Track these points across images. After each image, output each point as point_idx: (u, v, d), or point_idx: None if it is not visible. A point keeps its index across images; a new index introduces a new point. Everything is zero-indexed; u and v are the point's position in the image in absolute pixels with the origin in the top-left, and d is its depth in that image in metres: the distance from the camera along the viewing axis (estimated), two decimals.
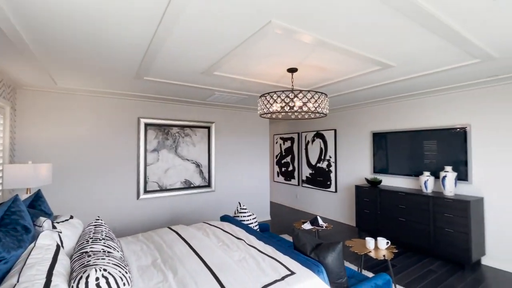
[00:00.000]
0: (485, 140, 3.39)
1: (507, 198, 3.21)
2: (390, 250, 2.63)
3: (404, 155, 4.29)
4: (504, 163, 3.23)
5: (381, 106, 4.66)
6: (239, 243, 2.15)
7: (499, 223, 3.27)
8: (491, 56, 2.30)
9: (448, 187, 3.49)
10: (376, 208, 4.21)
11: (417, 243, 3.65)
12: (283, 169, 7.06)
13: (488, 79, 3.07)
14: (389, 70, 2.73)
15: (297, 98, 2.33)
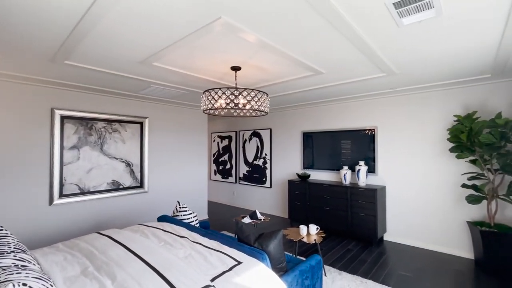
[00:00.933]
0: (387, 139, 4.21)
1: (401, 186, 4.06)
2: (319, 235, 3.00)
3: (327, 152, 4.91)
4: (399, 158, 4.08)
5: (311, 109, 5.22)
6: (183, 241, 2.09)
7: (396, 206, 4.11)
8: (393, 72, 2.89)
9: (361, 179, 4.18)
10: (306, 199, 4.69)
11: (338, 227, 4.25)
12: (220, 167, 7.07)
13: (390, 90, 3.82)
14: (319, 76, 3.10)
15: (242, 95, 2.42)
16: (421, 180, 3.87)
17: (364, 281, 2.80)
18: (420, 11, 1.61)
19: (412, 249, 3.76)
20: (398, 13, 1.64)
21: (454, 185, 3.60)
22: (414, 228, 3.92)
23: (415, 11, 1.61)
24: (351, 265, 3.24)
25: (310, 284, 2.13)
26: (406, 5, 1.55)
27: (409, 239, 3.96)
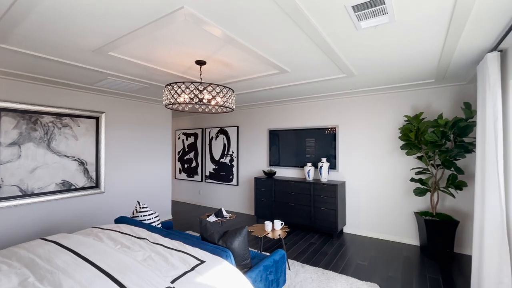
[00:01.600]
0: (347, 138, 4.46)
1: (359, 181, 4.34)
2: (284, 230, 3.07)
3: (292, 150, 5.05)
4: (357, 155, 4.35)
5: (278, 107, 5.30)
6: (142, 243, 1.97)
7: (354, 199, 4.38)
8: (352, 73, 3.06)
9: (323, 175, 4.37)
10: (272, 196, 4.77)
11: (302, 222, 4.39)
12: (185, 166, 6.86)
13: (350, 90, 4.05)
14: (285, 74, 3.15)
15: (206, 91, 2.36)
16: (376, 175, 4.18)
17: (325, 272, 2.93)
18: (376, 16, 1.72)
19: (368, 240, 4.05)
20: (357, 16, 1.73)
21: (404, 180, 3.95)
22: (370, 220, 4.23)
23: (372, 15, 1.71)
24: (314, 257, 3.37)
25: (274, 279, 2.16)
26: (364, 9, 1.64)
27: (366, 230, 4.26)
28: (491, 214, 2.22)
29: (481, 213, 2.38)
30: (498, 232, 2.17)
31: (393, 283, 2.75)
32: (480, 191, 2.42)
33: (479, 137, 2.46)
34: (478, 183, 2.46)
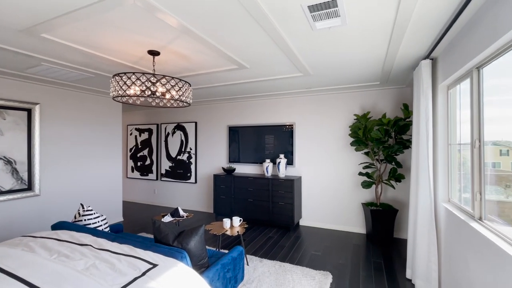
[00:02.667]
0: (303, 134, 4.65)
1: (313, 175, 4.57)
2: (242, 226, 3.07)
3: (252, 146, 5.08)
4: (312, 151, 4.57)
5: (237, 103, 5.27)
6: (85, 250, 1.77)
7: (309, 193, 4.60)
8: (308, 73, 3.18)
9: (281, 170, 4.49)
10: (231, 193, 4.74)
11: (261, 217, 4.46)
12: (139, 164, 6.41)
13: (306, 89, 4.21)
14: (244, 70, 3.13)
15: (160, 83, 2.21)
16: (329, 170, 4.45)
17: (283, 265, 3.02)
18: (330, 18, 1.80)
19: (322, 231, 4.30)
20: (312, 17, 1.79)
21: (353, 174, 4.28)
22: (323, 212, 4.49)
23: (326, 17, 1.79)
24: (272, 251, 3.45)
25: (232, 276, 2.15)
26: (319, 10, 1.70)
27: (320, 222, 4.51)
28: (423, 203, 2.53)
29: (415, 202, 2.70)
30: (427, 218, 2.49)
31: (343, 269, 2.96)
32: (415, 182, 2.73)
33: (414, 134, 2.78)
34: (413, 176, 2.78)
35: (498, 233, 1.60)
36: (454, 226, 2.11)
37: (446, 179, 2.47)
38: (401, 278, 2.78)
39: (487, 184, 1.95)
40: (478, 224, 1.81)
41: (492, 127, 1.82)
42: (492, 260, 1.51)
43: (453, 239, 2.13)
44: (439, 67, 2.46)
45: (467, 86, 2.04)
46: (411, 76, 3.36)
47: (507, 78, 1.76)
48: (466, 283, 1.86)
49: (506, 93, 1.78)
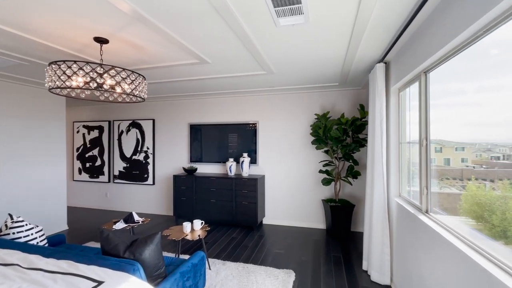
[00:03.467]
0: (266, 133, 4.65)
1: (276, 174, 4.60)
2: (204, 229, 2.93)
3: (215, 145, 4.93)
4: (275, 149, 4.60)
5: (199, 100, 5.05)
6: (9, 271, 1.47)
7: (272, 191, 4.62)
8: (272, 71, 3.15)
9: (245, 169, 4.43)
10: (192, 194, 4.53)
11: (224, 218, 4.35)
12: (88, 165, 5.78)
13: (269, 88, 4.21)
14: (206, 66, 2.98)
15: (108, 74, 1.95)
16: (292, 168, 4.52)
17: (246, 266, 2.96)
18: (293, 14, 1.77)
19: (285, 228, 4.35)
20: (276, 12, 1.74)
21: (314, 171, 4.40)
22: (286, 209, 4.55)
23: (289, 13, 1.75)
24: (235, 252, 3.37)
25: (192, 284, 2.01)
26: (282, 5, 1.66)
27: (283, 220, 4.56)
28: (378, 198, 2.68)
29: (370, 197, 2.85)
30: (382, 212, 2.65)
31: (306, 266, 3.01)
32: (370, 179, 2.89)
33: (370, 134, 2.93)
34: (369, 172, 2.94)
35: (442, 224, 1.75)
36: (405, 219, 2.27)
37: (397, 175, 2.66)
38: (358, 270, 2.93)
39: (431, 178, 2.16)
40: (425, 216, 1.96)
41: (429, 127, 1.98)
42: (438, 249, 1.64)
43: (404, 231, 2.29)
44: (392, 70, 2.63)
45: (415, 89, 2.20)
46: (366, 79, 3.55)
47: (436, 85, 1.94)
48: (416, 271, 2.01)
49: (433, 97, 1.97)
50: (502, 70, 1.51)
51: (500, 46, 1.44)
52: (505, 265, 1.14)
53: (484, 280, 1.17)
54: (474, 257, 1.28)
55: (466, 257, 1.33)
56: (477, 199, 4.45)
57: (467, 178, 2.07)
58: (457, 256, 1.42)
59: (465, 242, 1.47)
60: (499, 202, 4.16)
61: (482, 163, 2.45)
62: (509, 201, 3.94)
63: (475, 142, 1.99)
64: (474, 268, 1.25)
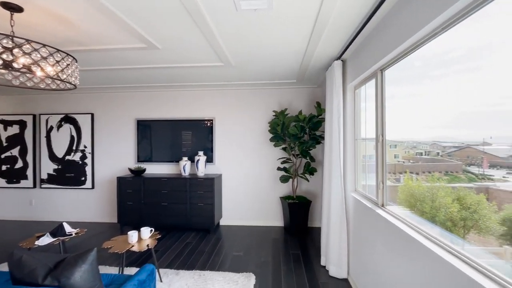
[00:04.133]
0: (223, 130, 4.43)
1: (234, 172, 4.42)
2: (154, 237, 2.59)
3: (167, 143, 4.51)
4: (233, 147, 4.42)
5: (149, 93, 4.56)
6: None
7: (230, 191, 4.43)
8: (230, 63, 2.95)
9: (200, 169, 4.14)
10: (140, 198, 4.07)
11: (178, 222, 4.00)
12: (4, 168, 4.76)
13: (227, 83, 4.00)
14: (155, 52, 2.63)
15: (21, 50, 1.52)
16: (250, 166, 4.40)
17: (203, 273, 2.72)
18: None
19: (243, 229, 4.21)
20: None
21: (272, 169, 4.36)
22: (244, 209, 4.41)
23: None
24: (190, 259, 3.09)
25: None
26: None
27: (241, 219, 4.41)
28: (335, 193, 2.71)
29: (328, 193, 2.88)
30: (339, 207, 2.69)
31: (265, 267, 2.91)
32: (328, 174, 2.93)
33: (327, 130, 2.97)
34: (326, 168, 2.97)
35: (397, 216, 1.80)
36: (362, 213, 2.32)
37: (353, 170, 2.73)
38: (316, 266, 2.94)
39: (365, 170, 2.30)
40: (382, 210, 2.01)
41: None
42: (394, 240, 1.67)
43: (361, 225, 2.34)
44: (348, 68, 2.68)
45: (371, 87, 2.25)
46: (322, 77, 3.61)
47: (371, 89, 2.07)
48: (372, 263, 2.05)
49: (370, 100, 2.11)
50: (423, 81, 1.85)
51: (422, 59, 1.73)
52: (442, 242, 1.30)
53: (430, 258, 1.25)
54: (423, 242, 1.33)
55: (420, 245, 1.35)
56: (412, 191, 4.88)
57: (399, 172, 2.27)
58: (411, 245, 1.45)
59: (417, 231, 1.51)
60: (429, 192, 4.60)
61: (410, 158, 2.77)
62: (436, 191, 4.37)
63: (404, 140, 2.22)
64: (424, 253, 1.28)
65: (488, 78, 1.67)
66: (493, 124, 1.98)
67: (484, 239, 4.49)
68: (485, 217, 4.21)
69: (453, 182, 3.58)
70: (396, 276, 1.67)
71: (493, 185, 4.35)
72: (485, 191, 4.70)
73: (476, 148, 3.61)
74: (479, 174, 3.84)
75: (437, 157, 3.67)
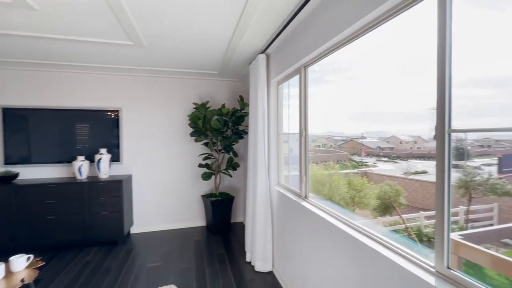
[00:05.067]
0: (134, 123, 3.80)
1: (148, 172, 3.88)
2: (34, 266, 1.93)
3: (53, 139, 3.52)
4: (146, 143, 3.86)
5: (24, 72, 3.41)
6: None
7: (143, 194, 3.87)
8: (142, 42, 2.48)
9: (103, 170, 3.43)
10: (11, 213, 3.03)
11: (72, 238, 3.19)
12: None
13: (138, 67, 3.41)
14: (29, 14, 1.91)
15: None
16: (167, 164, 3.96)
17: None
18: None
19: (161, 234, 3.75)
20: None
21: (193, 166, 4.05)
22: (162, 211, 3.95)
23: None
24: (91, 282, 2.50)
25: None
26: None
27: (158, 224, 3.93)
28: (261, 188, 2.70)
29: (253, 187, 2.86)
30: (264, 202, 2.70)
31: (189, 274, 2.65)
32: (252, 169, 2.89)
33: (252, 125, 2.92)
34: (250, 163, 2.93)
35: (319, 206, 1.90)
36: (286, 205, 2.38)
37: (277, 164, 2.79)
38: (242, 263, 2.89)
39: (288, 164, 2.57)
40: (306, 202, 2.10)
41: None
42: (317, 228, 1.75)
43: (285, 217, 2.40)
44: (272, 63, 2.68)
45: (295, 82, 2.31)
46: (244, 71, 3.55)
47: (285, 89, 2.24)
48: (297, 252, 2.12)
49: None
50: (320, 84, 2.21)
51: (320, 65, 1.98)
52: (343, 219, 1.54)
53: (341, 234, 1.34)
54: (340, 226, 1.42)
55: (340, 230, 1.44)
56: (316, 177, 5.45)
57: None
58: (330, 228, 1.54)
59: (334, 216, 1.62)
60: (327, 178, 5.25)
61: (311, 150, 3.15)
62: (332, 177, 5.00)
63: (309, 134, 2.52)
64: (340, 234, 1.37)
65: (363, 86, 2.18)
66: (367, 122, 2.64)
67: (365, 212, 5.38)
68: (366, 195, 5.09)
69: (343, 169, 4.22)
70: (319, 259, 1.76)
71: (369, 170, 5.31)
72: (364, 174, 5.69)
73: (357, 141, 4.41)
74: (359, 162, 4.69)
75: (331, 148, 4.28)
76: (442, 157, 0.94)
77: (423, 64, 1.47)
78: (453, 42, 0.91)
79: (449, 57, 0.91)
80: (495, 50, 1.06)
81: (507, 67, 1.04)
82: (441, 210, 0.95)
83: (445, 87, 0.91)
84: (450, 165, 0.92)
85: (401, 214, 5.96)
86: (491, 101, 1.28)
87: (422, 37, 1.38)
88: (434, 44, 0.94)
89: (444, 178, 0.93)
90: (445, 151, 0.93)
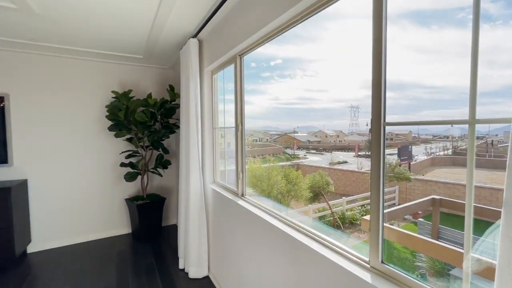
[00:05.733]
0: (29, 114, 3.00)
1: (52, 176, 3.13)
2: None
3: None
4: (48, 139, 3.11)
5: None
6: None
7: (44, 203, 3.11)
8: (31, 9, 1.89)
9: None
10: None
11: None
12: None
13: (30, 42, 2.65)
14: None
15: None
16: (79, 165, 3.28)
17: None
18: None
19: (71, 249, 3.10)
20: None
21: (113, 165, 3.47)
22: (73, 222, 3.26)
23: None
24: None
25: None
26: None
27: (67, 237, 3.23)
28: (194, 187, 2.46)
29: (186, 187, 2.58)
30: (198, 202, 2.47)
31: None
32: (185, 168, 2.61)
33: (184, 118, 2.63)
34: (183, 161, 2.64)
35: (256, 204, 1.81)
36: (222, 205, 2.21)
37: (212, 161, 2.59)
38: (175, 271, 2.61)
39: (223, 158, 2.46)
40: (243, 200, 1.97)
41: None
42: (254, 227, 1.66)
43: (221, 217, 2.23)
44: (205, 50, 2.44)
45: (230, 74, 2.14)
46: (175, 57, 3.19)
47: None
48: (234, 251, 1.98)
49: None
50: (257, 80, 2.23)
51: (256, 61, 1.99)
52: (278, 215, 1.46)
53: (278, 233, 1.25)
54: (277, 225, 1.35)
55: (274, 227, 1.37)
56: (254, 172, 5.50)
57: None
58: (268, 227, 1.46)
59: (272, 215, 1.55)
60: (265, 173, 5.33)
61: (249, 144, 3.17)
62: (270, 172, 5.09)
63: (246, 129, 2.43)
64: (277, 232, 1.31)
65: (293, 84, 2.25)
66: (298, 118, 2.85)
67: (299, 203, 5.71)
68: (300, 188, 5.40)
69: (278, 162, 4.32)
70: (256, 259, 1.66)
71: (300, 162, 5.72)
72: (297, 166, 6.03)
73: (290, 135, 4.91)
74: (292, 154, 5.16)
75: (267, 142, 4.50)
76: (378, 147, 0.93)
77: (347, 66, 1.51)
78: (388, 46, 0.92)
79: (385, 60, 0.92)
80: (393, 58, 1.12)
81: (403, 73, 1.11)
82: (376, 207, 0.94)
83: (381, 86, 0.92)
84: (385, 155, 0.92)
85: (328, 201, 6.57)
86: (392, 102, 1.40)
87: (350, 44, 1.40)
88: (365, 49, 0.94)
89: (380, 168, 0.92)
90: (381, 142, 0.92)
